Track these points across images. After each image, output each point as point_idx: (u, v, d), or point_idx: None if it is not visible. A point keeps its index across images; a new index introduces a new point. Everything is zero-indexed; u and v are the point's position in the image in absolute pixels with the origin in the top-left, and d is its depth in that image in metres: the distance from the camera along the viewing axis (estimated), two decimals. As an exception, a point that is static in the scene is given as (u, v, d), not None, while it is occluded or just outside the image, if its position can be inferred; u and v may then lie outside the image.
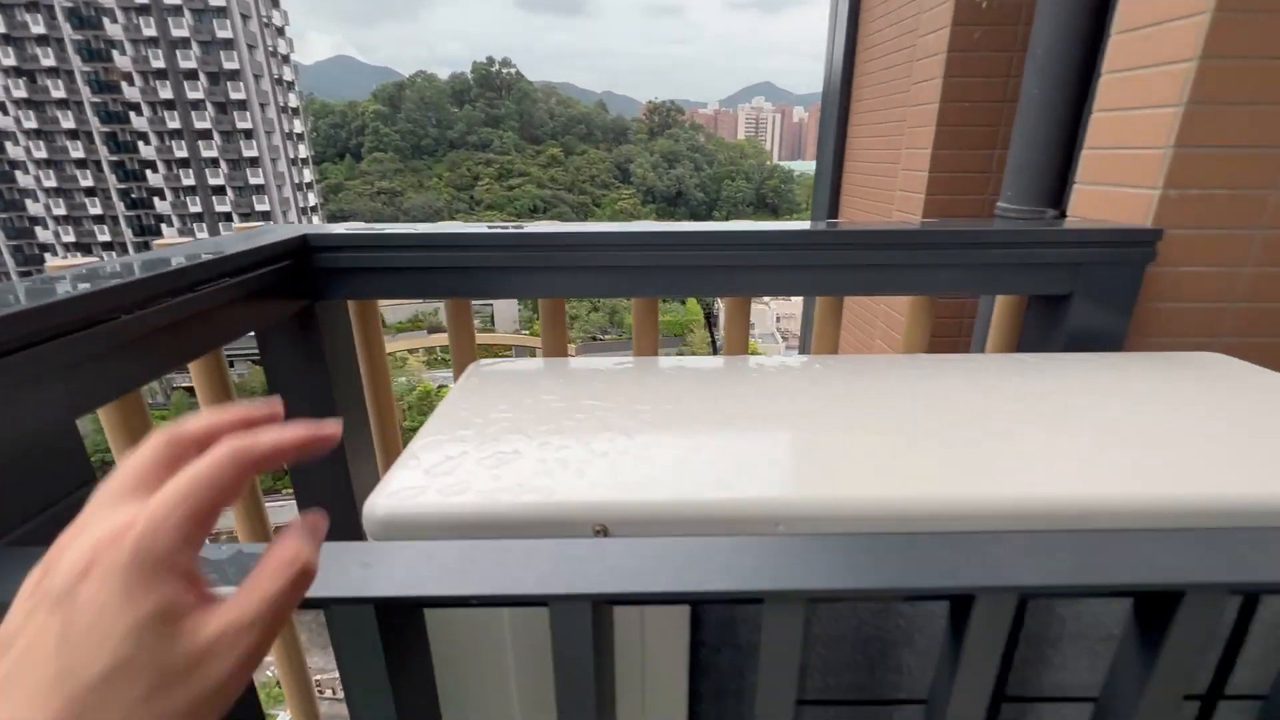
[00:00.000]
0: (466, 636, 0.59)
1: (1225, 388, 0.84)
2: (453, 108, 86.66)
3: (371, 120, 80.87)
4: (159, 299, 0.65)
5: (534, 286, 1.05)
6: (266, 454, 0.28)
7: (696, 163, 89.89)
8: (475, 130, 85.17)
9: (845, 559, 0.44)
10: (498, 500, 0.57)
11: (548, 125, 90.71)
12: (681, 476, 0.61)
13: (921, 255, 0.98)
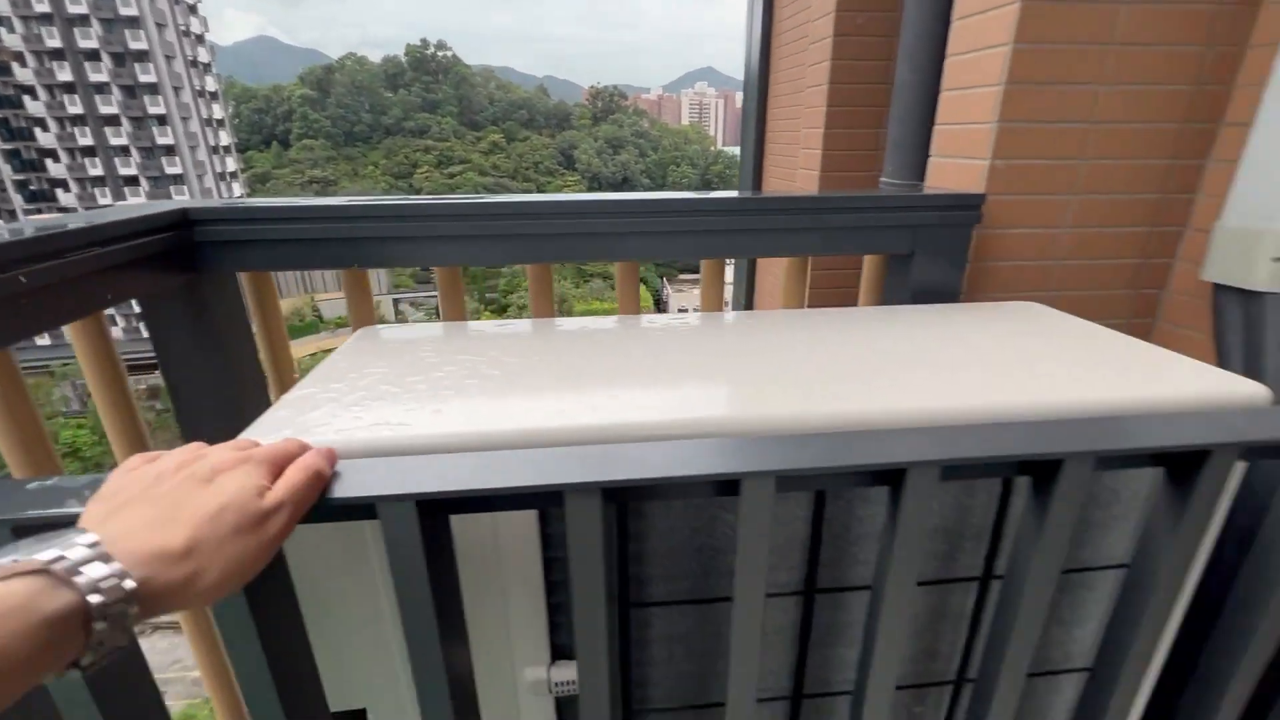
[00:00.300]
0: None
1: (1027, 329, 0.98)
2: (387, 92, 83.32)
3: (299, 105, 76.82)
4: (24, 263, 0.67)
5: (425, 255, 1.10)
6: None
7: (641, 149, 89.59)
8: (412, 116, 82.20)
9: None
10: (353, 437, 0.63)
11: (488, 110, 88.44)
12: (517, 412, 0.69)
13: (779, 220, 1.09)
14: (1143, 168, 1.22)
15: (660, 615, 0.75)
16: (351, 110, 78.53)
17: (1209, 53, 1.15)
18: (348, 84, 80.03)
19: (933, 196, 1.12)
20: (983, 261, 1.25)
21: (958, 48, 1.26)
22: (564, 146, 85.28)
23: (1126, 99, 1.17)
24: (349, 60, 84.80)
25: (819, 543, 0.73)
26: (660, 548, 0.72)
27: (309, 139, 74.79)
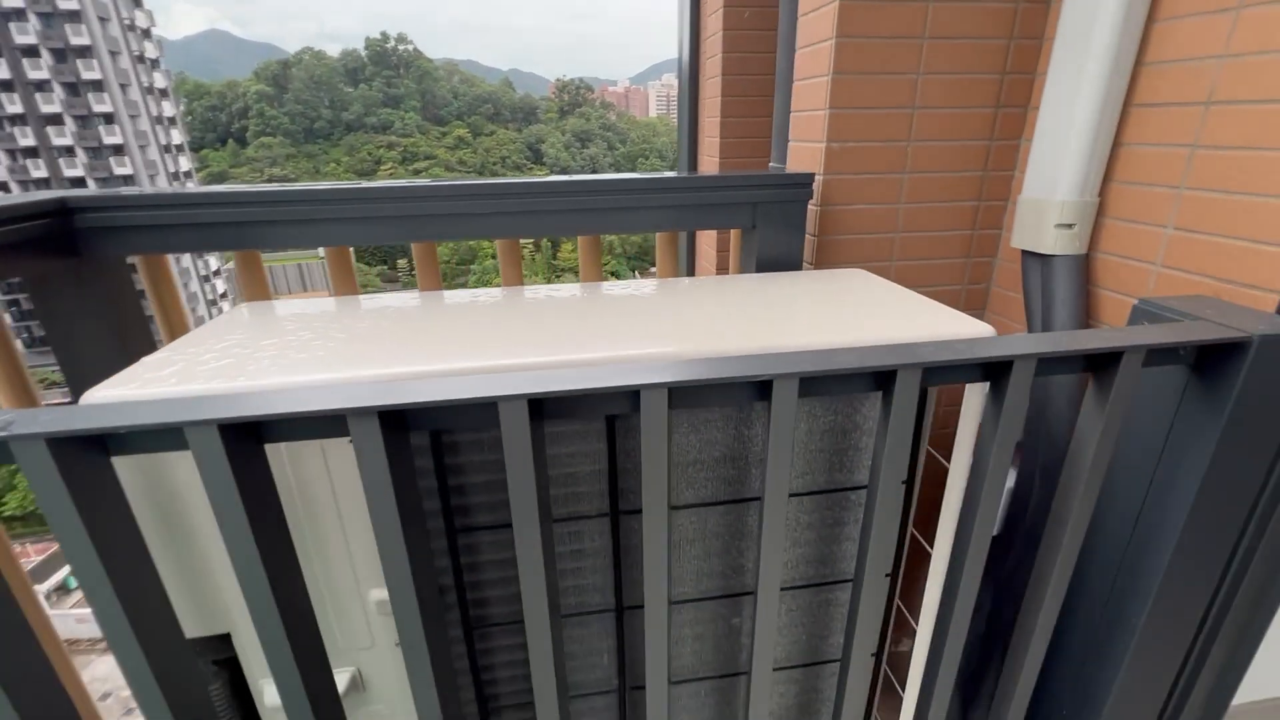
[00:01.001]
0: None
1: (842, 289, 1.11)
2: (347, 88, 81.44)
3: (255, 102, 74.66)
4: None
5: (310, 237, 1.19)
6: None
7: (610, 141, 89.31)
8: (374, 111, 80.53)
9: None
10: (189, 389, 0.73)
11: (452, 105, 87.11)
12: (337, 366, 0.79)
13: (632, 199, 1.20)
14: (965, 148, 1.37)
15: (490, 537, 0.86)
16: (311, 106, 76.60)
17: (1013, 44, 1.30)
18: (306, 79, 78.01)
19: (767, 176, 1.24)
20: (827, 235, 1.38)
21: (801, 42, 1.39)
22: (531, 141, 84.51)
23: (944, 86, 1.31)
24: (306, 54, 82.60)
25: (615, 469, 0.85)
26: (482, 479, 0.83)
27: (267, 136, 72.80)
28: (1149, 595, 0.94)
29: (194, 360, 0.81)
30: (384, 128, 79.12)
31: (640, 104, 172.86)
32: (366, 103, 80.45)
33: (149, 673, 0.69)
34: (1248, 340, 0.76)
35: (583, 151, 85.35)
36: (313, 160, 72.09)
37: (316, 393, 0.62)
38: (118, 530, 0.66)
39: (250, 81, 77.61)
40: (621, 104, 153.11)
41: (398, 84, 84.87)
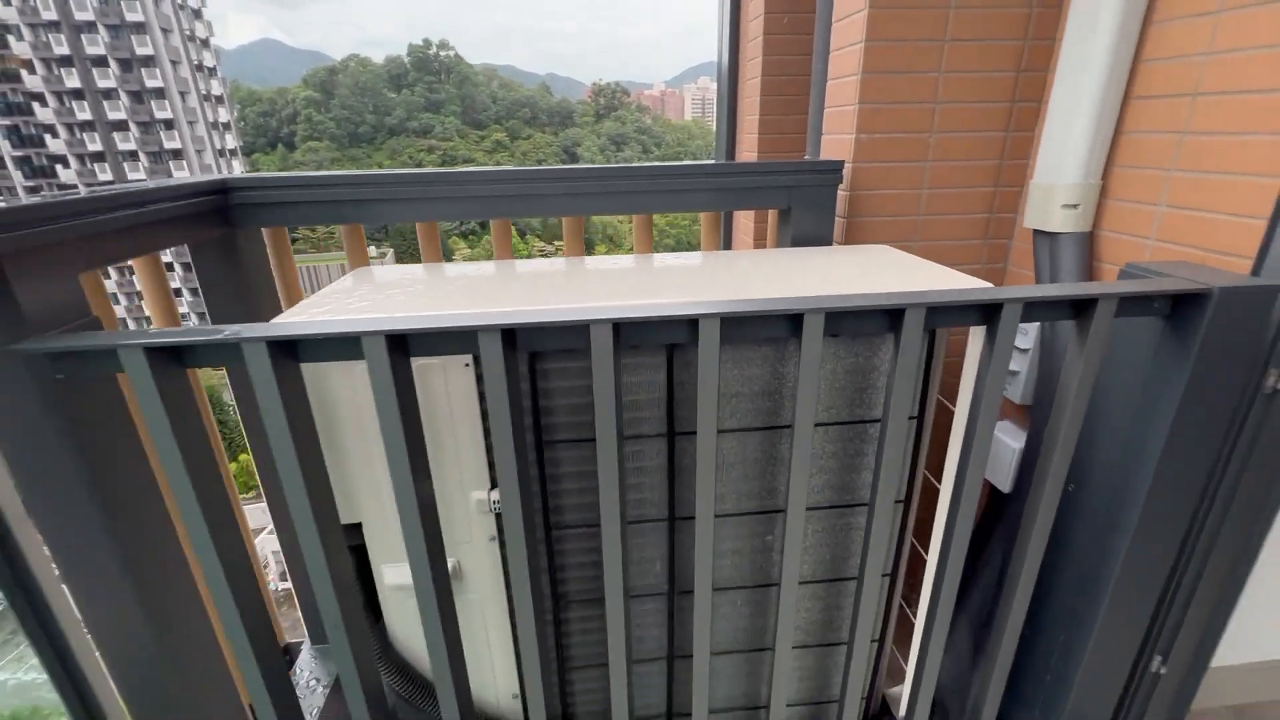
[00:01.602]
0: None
1: (866, 260, 1.27)
2: (390, 93, 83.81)
3: (304, 107, 77.46)
4: (118, 208, 0.99)
5: (408, 213, 1.41)
6: None
7: (644, 144, 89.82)
8: (415, 116, 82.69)
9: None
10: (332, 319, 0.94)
11: (491, 109, 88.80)
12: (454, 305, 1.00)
13: (683, 183, 1.39)
14: (983, 139, 1.51)
15: (568, 453, 1.06)
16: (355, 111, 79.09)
17: (1028, 45, 1.44)
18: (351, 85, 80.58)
19: (802, 163, 1.41)
20: (856, 217, 1.54)
21: (834, 45, 1.55)
22: (567, 144, 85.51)
23: (963, 83, 1.46)
24: (352, 61, 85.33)
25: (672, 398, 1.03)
26: (566, 402, 1.02)
27: (313, 141, 75.42)
28: (1130, 526, 1.08)
29: (340, 304, 1.02)
30: (425, 132, 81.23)
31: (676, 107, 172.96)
32: (409, 107, 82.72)
33: (319, 545, 0.90)
34: (1208, 292, 0.90)
35: (618, 154, 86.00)
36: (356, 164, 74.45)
37: (452, 316, 0.83)
38: (303, 425, 0.87)
39: (299, 88, 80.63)
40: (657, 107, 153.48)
41: (439, 89, 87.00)
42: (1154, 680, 1.32)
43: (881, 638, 1.29)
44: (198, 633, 1.10)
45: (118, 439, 0.93)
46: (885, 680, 1.43)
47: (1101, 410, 1.12)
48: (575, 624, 1.20)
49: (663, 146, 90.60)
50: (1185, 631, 1.28)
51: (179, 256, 25.08)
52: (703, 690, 1.11)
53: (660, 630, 1.23)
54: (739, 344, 1.01)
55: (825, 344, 1.02)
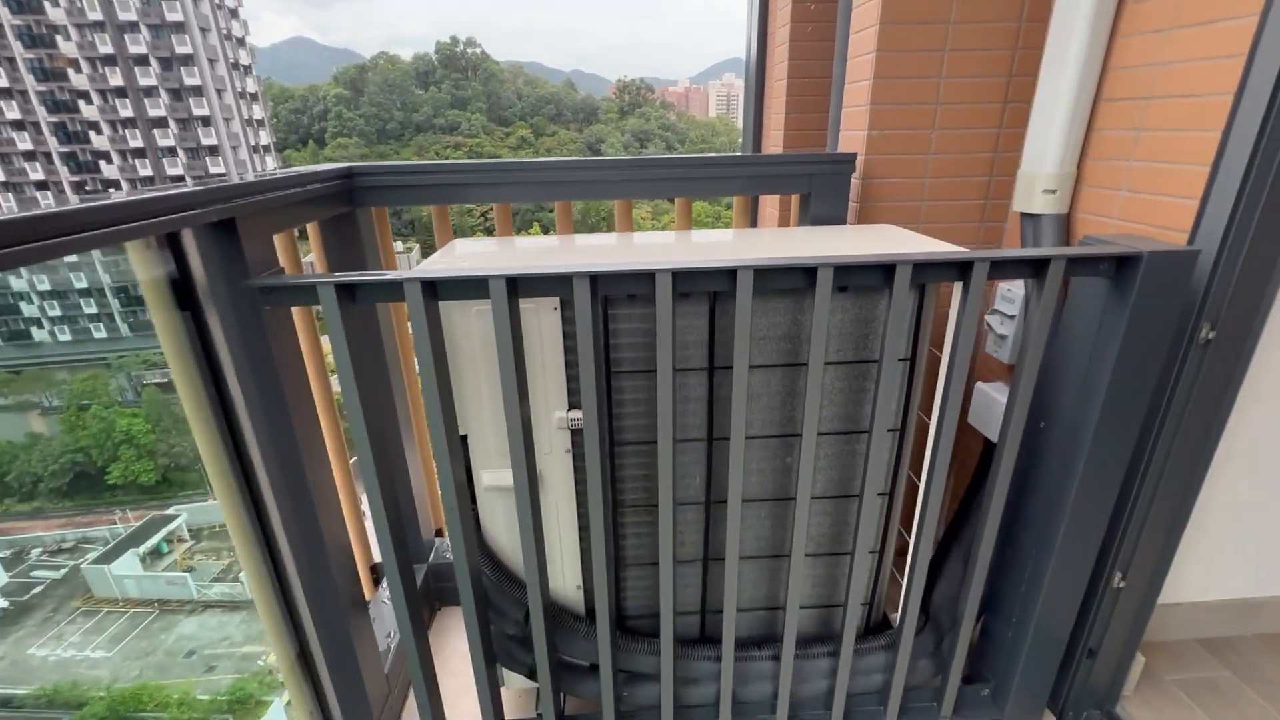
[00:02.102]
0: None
1: (872, 235, 1.53)
2: (418, 90, 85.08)
3: (334, 105, 79.08)
4: (289, 186, 1.29)
5: (489, 195, 1.71)
6: None
7: (668, 141, 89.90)
8: (442, 112, 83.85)
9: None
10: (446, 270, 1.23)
11: (516, 106, 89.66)
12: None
13: (718, 171, 1.66)
14: (979, 134, 1.75)
15: (630, 382, 1.33)
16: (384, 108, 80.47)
17: (1017, 54, 1.68)
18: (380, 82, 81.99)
19: (820, 155, 1.67)
20: (867, 202, 1.80)
21: (852, 53, 1.81)
22: (591, 141, 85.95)
23: (961, 87, 1.70)
24: (381, 59, 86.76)
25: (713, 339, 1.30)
26: (629, 341, 1.30)
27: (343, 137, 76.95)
28: (1084, 452, 1.32)
29: (454, 263, 1.32)
30: (451, 128, 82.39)
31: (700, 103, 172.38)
32: (435, 104, 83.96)
33: (446, 450, 1.19)
34: (1140, 255, 1.15)
35: (641, 151, 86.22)
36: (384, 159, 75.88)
37: (554, 266, 1.11)
38: (440, 351, 1.16)
39: (329, 85, 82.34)
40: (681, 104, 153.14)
41: (465, 86, 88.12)
42: (1115, 594, 1.56)
43: (881, 550, 1.54)
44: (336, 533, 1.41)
45: (294, 360, 1.23)
46: (886, 599, 1.68)
47: (1065, 357, 1.37)
48: (629, 528, 1.48)
49: (686, 143, 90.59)
50: (1141, 553, 1.52)
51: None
52: (732, 588, 1.39)
53: (698, 535, 1.50)
54: (766, 295, 1.28)
55: (834, 297, 1.28)
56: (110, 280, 34.09)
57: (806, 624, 1.64)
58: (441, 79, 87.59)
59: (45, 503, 25.16)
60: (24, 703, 17.57)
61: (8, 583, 20.83)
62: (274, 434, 1.18)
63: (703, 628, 1.62)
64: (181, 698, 17.11)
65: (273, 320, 1.14)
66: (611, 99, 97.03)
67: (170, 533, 22.24)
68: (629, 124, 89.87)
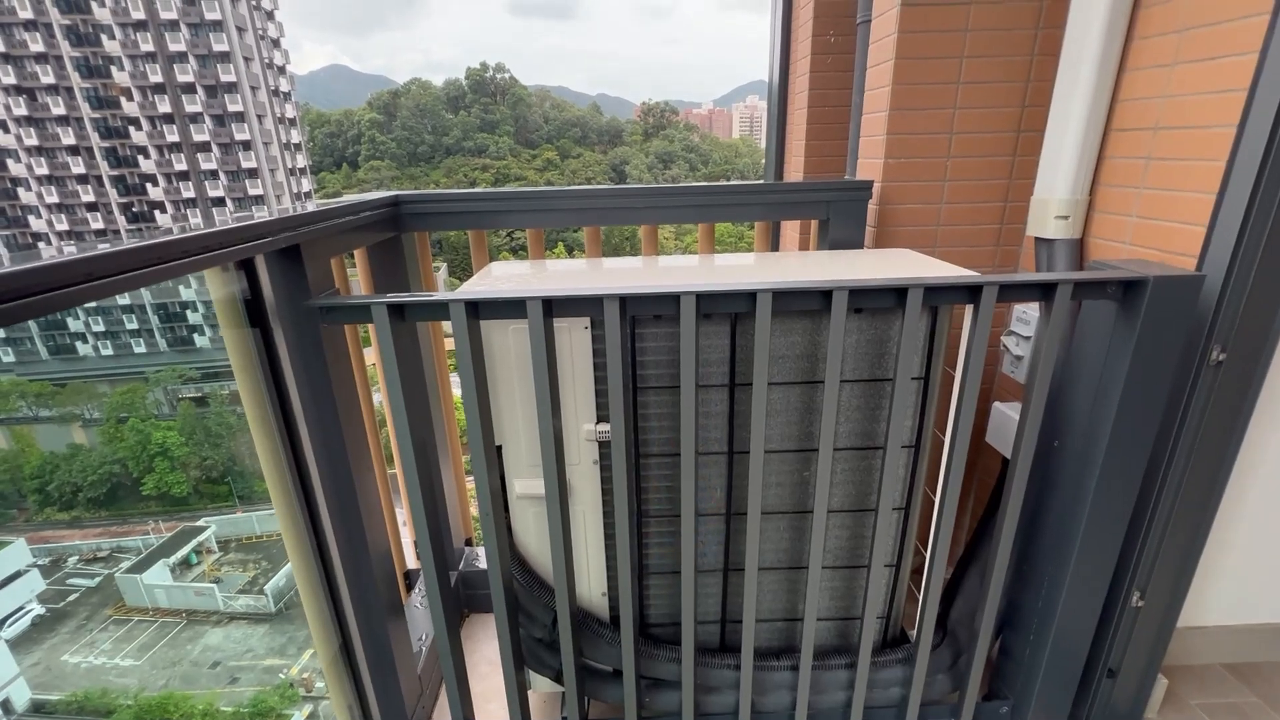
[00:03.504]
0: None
1: (890, 260, 1.60)
2: (448, 114, 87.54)
3: (367, 129, 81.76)
4: (343, 215, 1.41)
5: (522, 221, 1.82)
6: None
7: (692, 163, 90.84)
8: (471, 136, 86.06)
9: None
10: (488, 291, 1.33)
11: (543, 129, 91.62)
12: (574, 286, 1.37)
13: (738, 198, 1.75)
14: (993, 162, 1.82)
15: (655, 397, 1.41)
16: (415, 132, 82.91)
17: (1030, 86, 1.75)
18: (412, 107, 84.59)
19: (837, 182, 1.75)
20: (884, 227, 1.87)
21: (869, 85, 1.89)
22: (616, 162, 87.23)
23: (974, 117, 1.77)
24: (413, 85, 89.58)
25: (735, 357, 1.38)
26: (654, 358, 1.38)
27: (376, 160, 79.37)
28: (1095, 470, 1.36)
29: (491, 285, 1.42)
30: (479, 151, 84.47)
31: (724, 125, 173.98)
32: (465, 128, 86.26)
33: (483, 458, 1.28)
34: (1145, 280, 1.20)
35: (665, 173, 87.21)
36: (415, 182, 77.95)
37: (586, 288, 1.20)
38: (480, 367, 1.25)
39: (364, 110, 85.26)
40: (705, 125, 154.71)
41: (494, 110, 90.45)
42: (1134, 613, 1.57)
43: (897, 565, 1.58)
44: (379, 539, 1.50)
45: (346, 374, 1.34)
46: (905, 614, 1.71)
47: (1076, 378, 1.41)
48: (653, 538, 1.55)
49: (710, 164, 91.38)
50: (1159, 573, 1.54)
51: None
52: (751, 597, 1.44)
53: (719, 546, 1.56)
54: (784, 316, 1.35)
55: (850, 318, 1.35)
56: (150, 298, 35.23)
57: (825, 635, 1.67)
58: (471, 103, 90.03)
59: (83, 512, 25.96)
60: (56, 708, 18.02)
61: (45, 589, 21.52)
62: (328, 444, 1.28)
63: (723, 636, 1.67)
64: (205, 708, 17.36)
65: (329, 337, 1.25)
66: (636, 121, 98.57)
67: (200, 544, 22.74)
68: (653, 146, 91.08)
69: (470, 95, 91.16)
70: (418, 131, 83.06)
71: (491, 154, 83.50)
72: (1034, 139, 1.79)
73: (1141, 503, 1.45)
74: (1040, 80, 1.73)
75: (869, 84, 1.87)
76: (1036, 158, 1.81)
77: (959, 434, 1.34)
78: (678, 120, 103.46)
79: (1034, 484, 1.49)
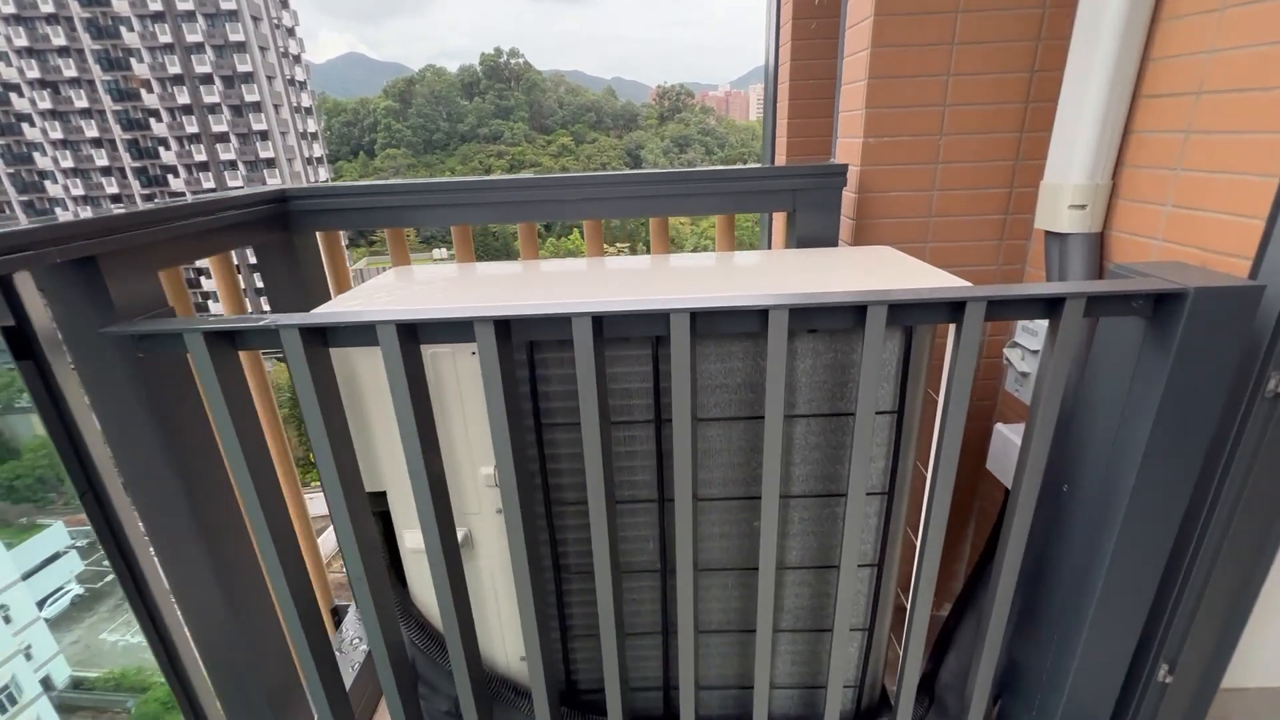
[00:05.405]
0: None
1: (861, 260, 1.32)
2: (463, 101, 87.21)
3: (383, 117, 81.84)
4: (193, 216, 1.17)
5: (442, 219, 1.56)
6: None
7: (708, 146, 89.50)
8: (486, 122, 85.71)
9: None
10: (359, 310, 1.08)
11: (557, 114, 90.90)
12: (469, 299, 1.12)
13: (686, 188, 1.47)
14: (996, 139, 1.51)
15: (565, 435, 1.16)
16: (430, 119, 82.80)
17: (1041, 45, 1.44)
18: (427, 94, 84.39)
19: (804, 167, 1.46)
20: (865, 219, 1.58)
21: (848, 50, 1.59)
22: (631, 147, 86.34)
23: (973, 86, 1.47)
24: (428, 72, 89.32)
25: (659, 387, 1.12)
26: (561, 389, 1.13)
27: (391, 148, 79.51)
28: (1116, 525, 1.08)
29: (369, 298, 1.17)
30: (494, 138, 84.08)
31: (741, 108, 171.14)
32: (480, 114, 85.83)
33: (345, 509, 1.05)
34: (1184, 292, 0.91)
35: (681, 156, 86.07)
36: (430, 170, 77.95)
37: (454, 309, 0.95)
38: (331, 400, 1.01)
39: (379, 98, 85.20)
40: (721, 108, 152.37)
41: (508, 96, 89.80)
42: (1160, 689, 1.29)
43: (871, 626, 1.32)
44: (257, 592, 1.28)
45: (191, 413, 1.11)
46: (883, 676, 1.45)
47: (1092, 410, 1.13)
48: (577, 595, 1.31)
49: (726, 147, 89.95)
50: (1193, 643, 1.25)
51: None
52: (689, 664, 1.19)
53: (655, 605, 1.31)
54: (720, 338, 1.08)
55: (803, 340, 1.08)
56: None
57: (788, 705, 1.42)
58: (485, 89, 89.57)
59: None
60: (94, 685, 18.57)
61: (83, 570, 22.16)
62: (151, 494, 1.05)
63: (666, 704, 1.43)
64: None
65: (152, 369, 1.01)
66: (651, 105, 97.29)
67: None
68: (668, 130, 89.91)
69: (485, 81, 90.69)
70: (433, 119, 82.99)
71: (507, 140, 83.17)
72: (1046, 111, 1.48)
73: (1173, 561, 1.17)
74: (1054, 39, 1.42)
75: (848, 48, 1.57)
76: (1049, 134, 1.51)
77: (939, 483, 1.07)
78: (693, 103, 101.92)
79: (1041, 523, 1.22)
